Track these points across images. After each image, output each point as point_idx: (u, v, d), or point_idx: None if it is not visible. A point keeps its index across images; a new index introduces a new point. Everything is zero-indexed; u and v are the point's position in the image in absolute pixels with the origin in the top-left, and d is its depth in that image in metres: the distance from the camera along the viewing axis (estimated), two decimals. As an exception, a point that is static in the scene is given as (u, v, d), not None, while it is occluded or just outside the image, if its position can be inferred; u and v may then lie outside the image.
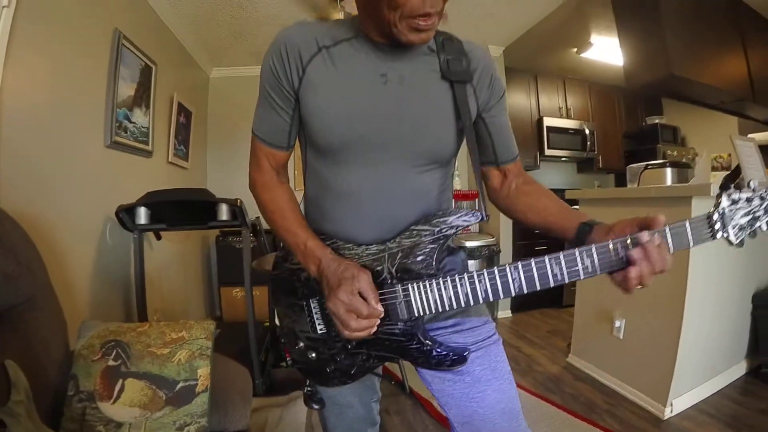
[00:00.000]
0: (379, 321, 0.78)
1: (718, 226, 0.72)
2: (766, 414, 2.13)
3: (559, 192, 4.84)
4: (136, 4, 2.73)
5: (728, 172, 2.75)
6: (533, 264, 0.74)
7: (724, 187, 0.73)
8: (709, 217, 0.72)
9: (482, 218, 0.82)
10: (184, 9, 3.14)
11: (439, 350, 0.82)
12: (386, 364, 1.72)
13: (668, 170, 2.45)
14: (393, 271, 0.82)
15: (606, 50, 4.19)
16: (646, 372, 2.30)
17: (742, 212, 0.73)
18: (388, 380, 2.60)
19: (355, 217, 0.88)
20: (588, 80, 5.15)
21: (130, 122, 2.58)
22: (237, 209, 2.26)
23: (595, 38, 4.05)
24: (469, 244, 3.91)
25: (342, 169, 0.87)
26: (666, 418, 2.14)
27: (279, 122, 0.90)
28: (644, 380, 2.31)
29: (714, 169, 4.82)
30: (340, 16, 2.96)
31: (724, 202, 0.73)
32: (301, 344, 0.94)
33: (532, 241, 4.36)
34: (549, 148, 4.75)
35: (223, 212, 2.30)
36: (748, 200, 0.73)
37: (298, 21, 0.88)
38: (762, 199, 0.73)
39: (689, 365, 2.19)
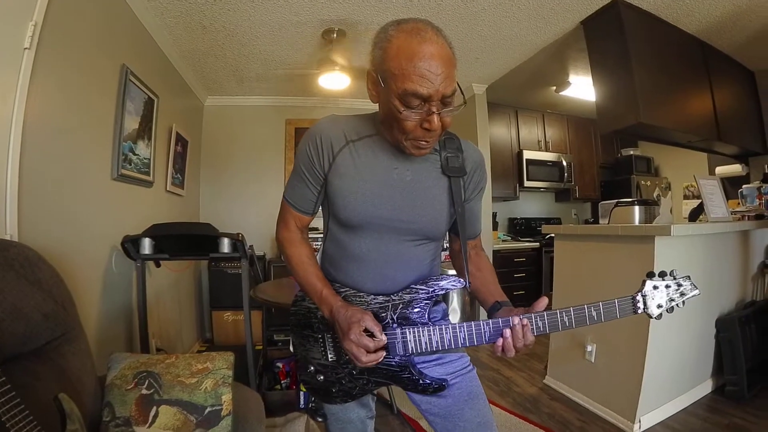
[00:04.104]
0: (384, 353, 0.97)
1: (640, 305, 0.93)
2: (730, 429, 2.31)
3: (538, 221, 5.07)
4: (141, 40, 2.84)
5: (694, 207, 3.00)
6: (488, 323, 0.97)
7: (649, 275, 0.94)
8: (633, 298, 0.93)
9: (466, 285, 1.05)
10: (186, 44, 3.29)
11: (425, 380, 1.03)
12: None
13: (636, 208, 2.66)
14: (395, 317, 1.02)
15: (583, 88, 4.37)
16: (616, 392, 2.47)
17: (661, 294, 0.93)
18: (378, 402, 2.72)
19: (363, 274, 1.08)
20: (566, 114, 5.41)
21: (134, 154, 2.68)
22: (238, 243, 2.38)
23: (573, 78, 4.26)
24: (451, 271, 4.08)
25: (356, 237, 1.07)
26: (635, 433, 2.31)
27: (308, 194, 1.10)
28: (614, 399, 2.48)
29: (686, 197, 5.09)
30: (334, 58, 3.15)
31: (647, 287, 0.94)
32: (312, 368, 1.13)
33: (511, 284, 4.67)
34: (528, 179, 4.98)
35: (225, 245, 2.42)
36: (667, 286, 0.93)
37: (332, 116, 1.10)
38: (678, 285, 0.94)
39: (656, 384, 2.37)
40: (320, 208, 1.16)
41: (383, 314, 1.02)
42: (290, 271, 1.13)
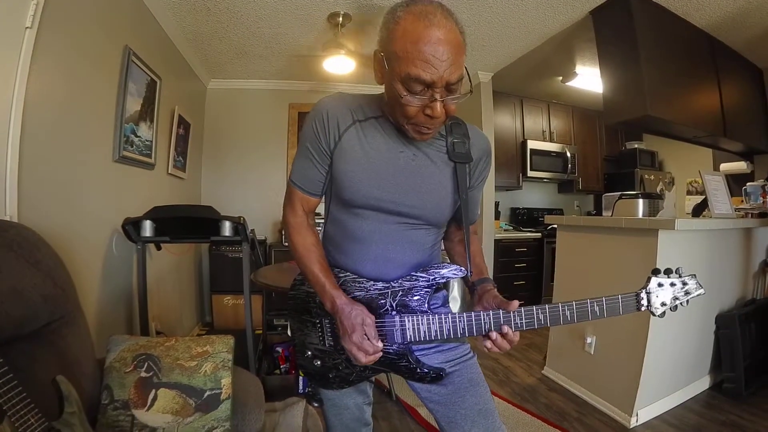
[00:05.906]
0: (381, 354, 0.97)
1: (644, 302, 0.92)
2: (727, 426, 2.31)
3: (541, 211, 5.06)
4: (145, 20, 2.80)
5: (698, 202, 2.98)
6: (489, 314, 0.95)
7: (654, 272, 0.93)
8: (638, 294, 0.92)
9: (467, 274, 1.04)
10: (189, 25, 3.24)
11: (422, 369, 1.02)
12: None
13: (640, 201, 2.65)
14: (394, 304, 1.01)
15: (590, 79, 4.32)
16: (614, 384, 2.48)
17: (666, 292, 0.92)
18: (376, 388, 2.74)
19: (364, 257, 1.07)
20: (571, 105, 5.36)
21: (136, 136, 2.65)
22: (240, 226, 2.37)
23: (580, 69, 4.21)
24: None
25: (358, 219, 1.06)
26: (631, 426, 2.31)
27: (315, 174, 1.07)
28: (612, 392, 2.49)
29: (689, 193, 5.05)
30: (340, 41, 3.11)
31: (652, 284, 0.92)
32: (309, 353, 1.13)
33: (512, 274, 4.69)
34: (532, 169, 4.95)
35: (226, 228, 2.40)
36: (672, 284, 0.92)
37: (338, 93, 1.08)
38: (684, 283, 0.92)
39: (654, 379, 2.37)
40: None
41: (382, 301, 1.01)
42: (295, 257, 1.12)
